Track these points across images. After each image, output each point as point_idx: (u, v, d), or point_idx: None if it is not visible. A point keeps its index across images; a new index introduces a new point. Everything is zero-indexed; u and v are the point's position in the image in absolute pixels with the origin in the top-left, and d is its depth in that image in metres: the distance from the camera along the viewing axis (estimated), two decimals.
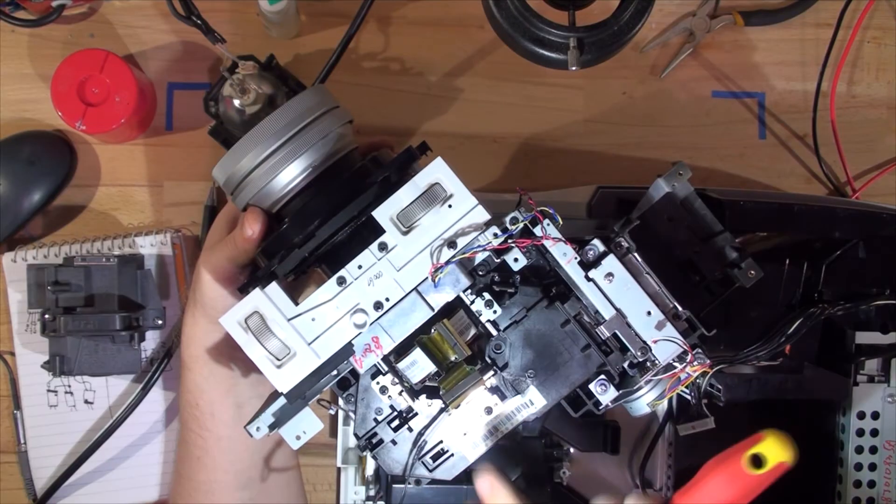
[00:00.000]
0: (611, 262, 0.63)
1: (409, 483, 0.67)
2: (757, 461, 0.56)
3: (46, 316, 0.86)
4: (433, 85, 0.97)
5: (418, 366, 0.62)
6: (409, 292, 0.62)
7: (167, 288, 0.91)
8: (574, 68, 0.78)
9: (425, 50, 0.97)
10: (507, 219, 0.61)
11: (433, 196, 0.61)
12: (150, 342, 0.91)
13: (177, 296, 0.92)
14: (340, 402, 0.67)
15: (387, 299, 0.61)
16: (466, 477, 0.68)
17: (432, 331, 0.63)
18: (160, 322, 0.89)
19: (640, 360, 0.65)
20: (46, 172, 0.90)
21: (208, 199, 0.93)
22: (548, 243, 0.62)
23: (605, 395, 0.68)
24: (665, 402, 0.71)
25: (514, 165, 0.97)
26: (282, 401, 0.63)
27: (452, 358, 0.63)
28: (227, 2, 0.95)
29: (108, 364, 0.88)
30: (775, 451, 0.56)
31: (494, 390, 0.66)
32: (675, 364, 0.65)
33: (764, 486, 0.57)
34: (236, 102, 0.67)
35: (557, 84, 0.97)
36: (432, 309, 0.62)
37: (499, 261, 0.64)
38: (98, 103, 0.88)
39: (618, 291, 0.63)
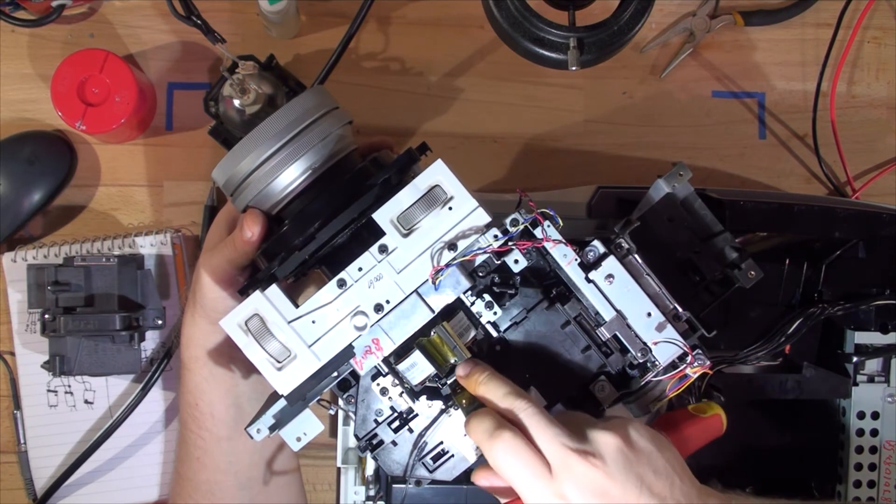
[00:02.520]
0: (611, 264, 0.63)
1: (410, 484, 0.67)
2: (700, 410, 0.70)
3: (46, 316, 0.86)
4: (433, 85, 0.97)
5: (418, 367, 0.63)
6: (410, 294, 0.62)
7: (167, 288, 0.91)
8: (574, 68, 0.78)
9: (425, 50, 0.96)
10: (508, 221, 0.61)
11: (434, 198, 0.61)
12: (150, 342, 0.91)
13: (177, 296, 0.92)
14: (340, 402, 0.67)
15: (387, 301, 0.61)
16: (466, 477, 0.68)
17: (432, 333, 0.63)
18: (160, 322, 0.89)
19: (641, 361, 0.65)
20: (46, 172, 0.90)
21: (208, 199, 0.93)
22: (548, 245, 0.62)
23: (606, 395, 0.68)
24: (665, 402, 0.71)
25: (514, 165, 0.97)
26: (282, 403, 0.63)
27: (452, 360, 0.63)
28: (227, 2, 0.95)
29: (108, 364, 0.87)
30: (713, 407, 0.70)
31: None
32: (676, 364, 0.65)
33: (705, 435, 0.69)
34: (236, 102, 0.67)
35: (557, 84, 0.97)
36: (433, 311, 0.62)
37: (499, 262, 0.64)
38: (98, 103, 0.88)
39: (618, 293, 0.64)
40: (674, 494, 0.59)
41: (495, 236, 0.61)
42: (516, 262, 0.63)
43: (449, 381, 0.65)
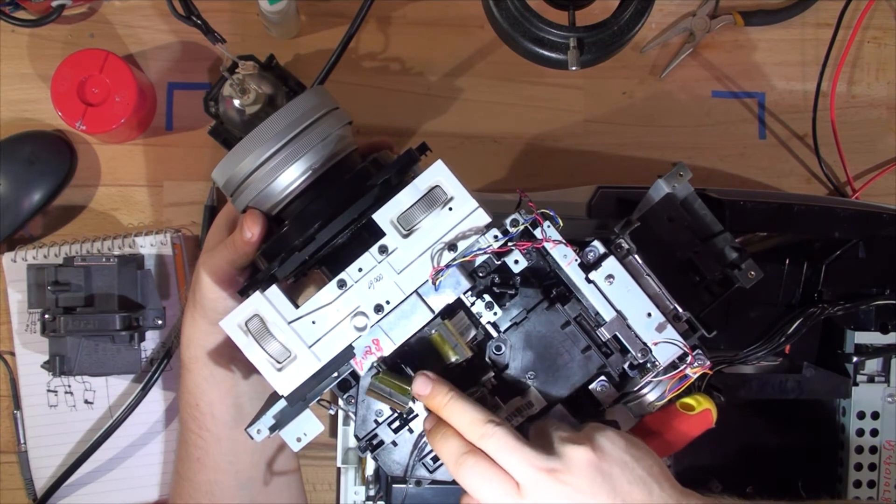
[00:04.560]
0: (611, 264, 0.63)
1: (410, 484, 0.67)
2: (687, 408, 0.70)
3: (46, 316, 0.86)
4: (433, 85, 0.97)
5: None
6: (410, 295, 0.62)
7: (167, 288, 0.91)
8: (574, 68, 0.78)
9: (425, 50, 0.96)
10: (508, 221, 0.61)
11: (434, 199, 0.61)
12: (150, 342, 0.91)
13: (177, 296, 0.92)
14: (341, 402, 0.67)
15: (387, 302, 0.61)
16: None
17: (432, 331, 0.63)
18: (160, 322, 0.89)
19: (641, 361, 0.65)
20: (46, 172, 0.90)
21: (208, 199, 0.93)
22: (548, 246, 0.62)
23: (606, 396, 0.68)
24: (665, 403, 0.71)
25: (514, 165, 0.97)
26: (282, 403, 0.63)
27: (453, 359, 0.63)
28: (227, 2, 0.95)
29: (108, 364, 0.87)
30: (700, 402, 0.70)
31: (495, 392, 0.66)
32: (676, 365, 0.65)
33: (695, 431, 0.70)
34: (236, 102, 0.67)
35: (557, 84, 0.97)
36: (433, 311, 0.62)
37: (499, 262, 0.64)
38: (98, 103, 0.87)
39: (618, 293, 0.64)
40: (653, 501, 0.59)
41: (495, 237, 0.61)
42: (516, 262, 0.63)
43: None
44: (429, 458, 0.67)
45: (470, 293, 0.64)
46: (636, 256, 0.65)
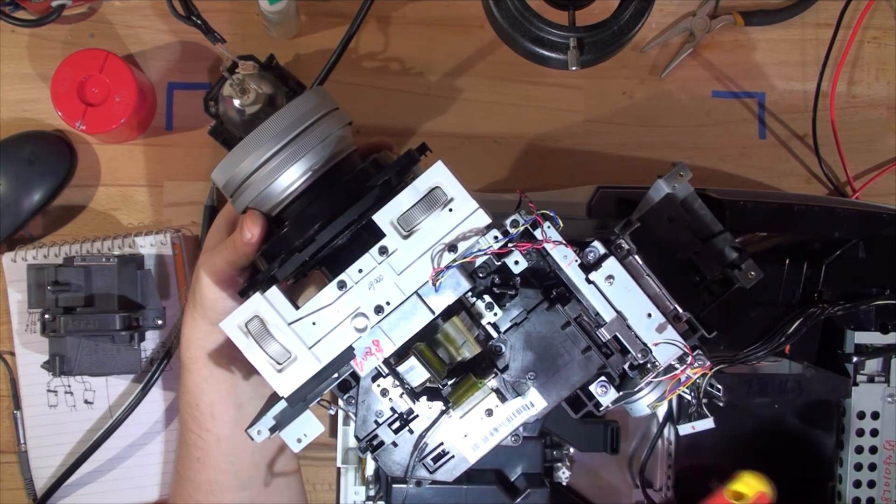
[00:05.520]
0: (611, 265, 0.63)
1: (410, 484, 0.67)
2: (738, 496, 0.68)
3: (46, 316, 0.86)
4: (433, 85, 0.97)
5: (417, 370, 0.62)
6: (410, 296, 0.61)
7: (167, 288, 0.91)
8: (574, 68, 0.78)
9: (425, 50, 0.96)
10: (508, 222, 0.61)
11: (434, 200, 0.60)
12: (150, 342, 0.91)
13: (177, 296, 0.92)
14: (341, 402, 0.67)
15: (387, 303, 0.61)
16: (467, 478, 0.68)
17: (444, 324, 0.63)
18: (160, 322, 0.89)
19: (641, 362, 0.65)
20: (46, 172, 0.90)
21: (208, 199, 0.93)
22: (548, 246, 0.62)
23: (606, 396, 0.68)
24: (665, 403, 0.71)
25: (514, 165, 0.97)
26: (282, 404, 0.63)
27: (466, 354, 0.63)
28: (227, 2, 0.95)
29: (108, 364, 0.87)
30: (753, 484, 0.68)
31: (495, 392, 0.66)
32: (676, 366, 0.65)
33: None
34: (236, 102, 0.67)
35: (557, 84, 0.97)
36: (433, 312, 0.62)
37: (499, 263, 0.64)
38: (98, 103, 0.88)
39: (618, 294, 0.63)
40: None
41: (495, 238, 0.61)
42: (516, 263, 0.63)
43: (449, 383, 0.65)
44: (429, 459, 0.67)
45: (470, 294, 0.64)
46: (636, 257, 0.65)
